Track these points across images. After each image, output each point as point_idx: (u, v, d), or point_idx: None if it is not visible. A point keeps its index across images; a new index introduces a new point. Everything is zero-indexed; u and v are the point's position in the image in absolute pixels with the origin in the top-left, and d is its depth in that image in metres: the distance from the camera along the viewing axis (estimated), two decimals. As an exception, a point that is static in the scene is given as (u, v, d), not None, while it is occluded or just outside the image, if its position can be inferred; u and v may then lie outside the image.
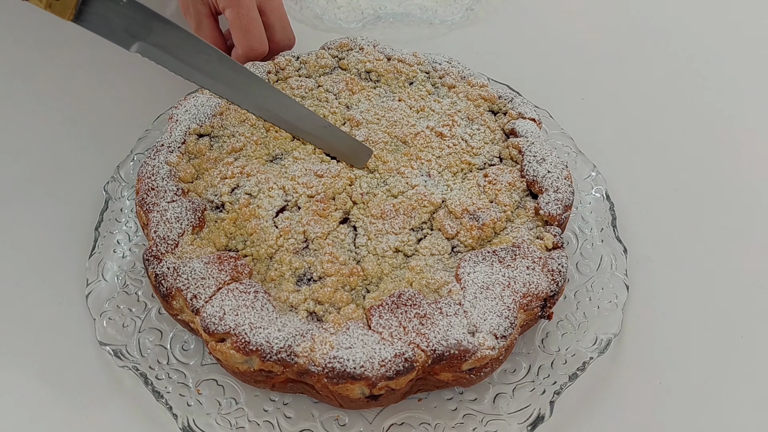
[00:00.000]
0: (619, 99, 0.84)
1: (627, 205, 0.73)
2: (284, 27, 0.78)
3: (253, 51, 0.75)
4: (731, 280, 0.69)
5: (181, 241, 0.59)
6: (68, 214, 0.70)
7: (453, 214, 0.62)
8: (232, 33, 0.75)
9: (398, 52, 0.74)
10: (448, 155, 0.66)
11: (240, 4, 0.73)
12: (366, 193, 0.63)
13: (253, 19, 0.74)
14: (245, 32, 0.74)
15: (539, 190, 0.63)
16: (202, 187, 0.63)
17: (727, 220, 0.74)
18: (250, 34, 0.74)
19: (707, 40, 0.92)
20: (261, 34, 0.75)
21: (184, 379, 0.59)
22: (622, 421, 0.60)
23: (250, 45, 0.74)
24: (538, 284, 0.57)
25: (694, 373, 0.63)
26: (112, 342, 0.61)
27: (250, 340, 0.53)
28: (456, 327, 0.54)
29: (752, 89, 0.86)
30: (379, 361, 0.52)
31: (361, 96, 0.70)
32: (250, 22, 0.74)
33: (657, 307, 0.67)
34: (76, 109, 0.80)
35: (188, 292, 0.56)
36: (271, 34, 0.77)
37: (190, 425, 0.56)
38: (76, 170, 0.74)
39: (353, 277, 0.58)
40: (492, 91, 0.72)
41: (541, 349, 0.61)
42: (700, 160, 0.79)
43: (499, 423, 0.57)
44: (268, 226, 0.60)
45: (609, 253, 0.67)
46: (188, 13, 0.79)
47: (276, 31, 0.77)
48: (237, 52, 0.76)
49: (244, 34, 0.74)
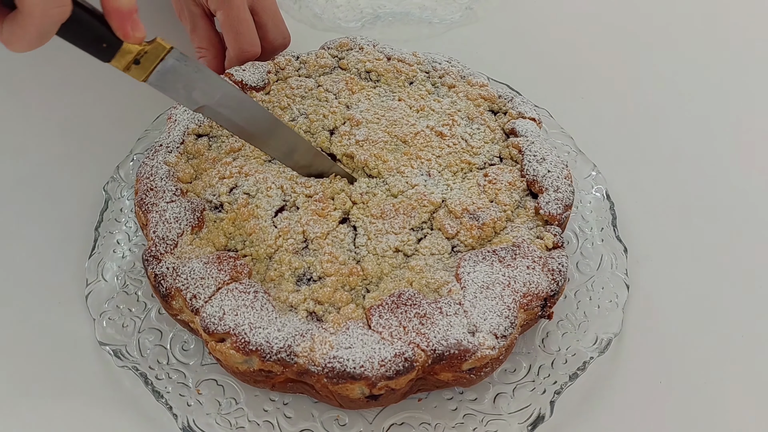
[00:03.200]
0: (619, 98, 0.84)
1: (627, 204, 0.73)
2: (277, 26, 0.77)
3: (245, 53, 0.74)
4: (731, 279, 0.69)
5: (180, 241, 0.59)
6: (68, 214, 0.70)
7: (453, 214, 0.62)
8: (224, 34, 0.75)
9: (398, 52, 0.74)
10: (448, 155, 0.66)
11: (230, 5, 0.73)
12: (366, 192, 0.63)
13: (243, 19, 0.74)
14: (236, 33, 0.74)
15: (539, 190, 0.63)
16: (200, 187, 0.63)
17: (727, 220, 0.74)
18: (241, 36, 0.74)
19: (707, 39, 0.92)
20: (252, 35, 0.74)
21: (184, 379, 0.59)
22: (623, 421, 0.60)
23: (241, 46, 0.74)
24: (538, 284, 0.57)
25: (694, 372, 0.63)
26: (112, 342, 0.61)
27: (249, 340, 0.53)
28: (456, 327, 0.54)
29: (752, 89, 0.86)
30: (379, 361, 0.52)
31: (361, 96, 0.70)
32: (241, 23, 0.73)
33: (657, 306, 0.67)
34: (76, 109, 0.79)
35: (188, 292, 0.56)
36: (263, 33, 0.76)
37: (190, 425, 0.56)
38: (76, 170, 0.74)
39: (353, 277, 0.58)
40: (492, 90, 0.71)
41: (541, 349, 0.61)
42: (701, 160, 0.78)
43: (500, 423, 0.57)
44: (267, 226, 0.60)
45: (609, 253, 0.67)
46: (183, 15, 0.78)
47: (269, 30, 0.76)
48: (229, 53, 0.75)
49: (235, 36, 0.74)
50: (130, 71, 0.53)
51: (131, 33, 0.51)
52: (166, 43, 0.53)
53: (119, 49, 0.52)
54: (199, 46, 0.77)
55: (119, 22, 0.50)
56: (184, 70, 0.55)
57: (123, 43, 0.52)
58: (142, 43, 0.52)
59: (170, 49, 0.54)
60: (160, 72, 0.54)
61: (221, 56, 0.77)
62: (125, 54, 0.52)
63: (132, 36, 0.51)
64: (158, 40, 0.53)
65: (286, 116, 0.68)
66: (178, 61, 0.54)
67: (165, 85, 0.55)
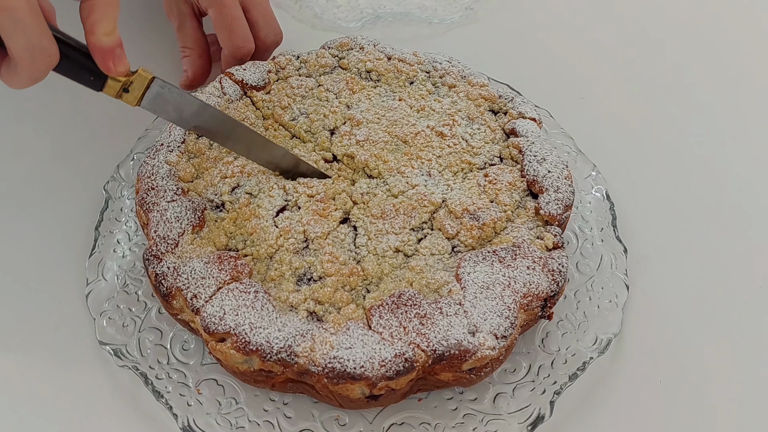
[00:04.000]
0: (620, 98, 0.84)
1: (627, 204, 0.73)
2: (269, 23, 0.78)
3: (239, 50, 0.74)
4: (731, 279, 0.69)
5: (181, 240, 0.59)
6: (68, 213, 0.70)
7: (453, 214, 0.62)
8: (217, 33, 0.75)
9: (398, 52, 0.74)
10: (449, 155, 0.66)
11: (222, 3, 0.73)
12: (366, 192, 0.63)
13: (236, 17, 0.74)
14: (229, 31, 0.74)
15: (539, 190, 0.63)
16: (202, 186, 0.63)
17: (727, 220, 0.74)
18: (234, 33, 0.74)
19: (707, 39, 0.92)
20: (245, 32, 0.75)
21: (184, 378, 0.59)
22: (623, 421, 0.60)
23: (234, 44, 0.74)
24: (538, 284, 0.57)
25: (693, 372, 0.63)
26: (112, 341, 0.61)
27: (250, 340, 0.53)
28: (456, 327, 0.54)
29: (753, 88, 0.86)
30: (380, 361, 0.52)
31: (361, 95, 0.70)
32: (233, 21, 0.74)
33: (657, 306, 0.67)
34: (76, 108, 0.79)
35: (188, 291, 0.56)
36: (255, 31, 0.76)
37: (190, 425, 0.56)
38: (76, 170, 0.74)
39: (353, 277, 0.58)
40: (492, 90, 0.71)
41: (541, 349, 0.61)
42: (701, 160, 0.79)
43: (500, 423, 0.57)
44: (268, 226, 0.60)
45: (609, 253, 0.67)
46: (171, 13, 0.79)
47: (261, 27, 0.77)
48: (224, 52, 0.75)
49: (228, 33, 0.74)
50: (122, 98, 0.57)
51: (113, 67, 0.54)
52: (148, 73, 0.57)
53: (107, 81, 0.55)
54: (184, 45, 0.78)
55: (101, 58, 0.54)
56: (169, 95, 0.58)
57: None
58: (127, 74, 0.56)
59: (152, 79, 0.57)
60: (150, 98, 0.58)
61: (206, 57, 0.78)
62: (113, 84, 0.56)
63: (114, 70, 0.54)
64: (140, 71, 0.56)
65: (287, 116, 0.68)
66: (162, 88, 0.58)
67: (157, 109, 0.59)
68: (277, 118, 0.68)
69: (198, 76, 0.77)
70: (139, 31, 0.54)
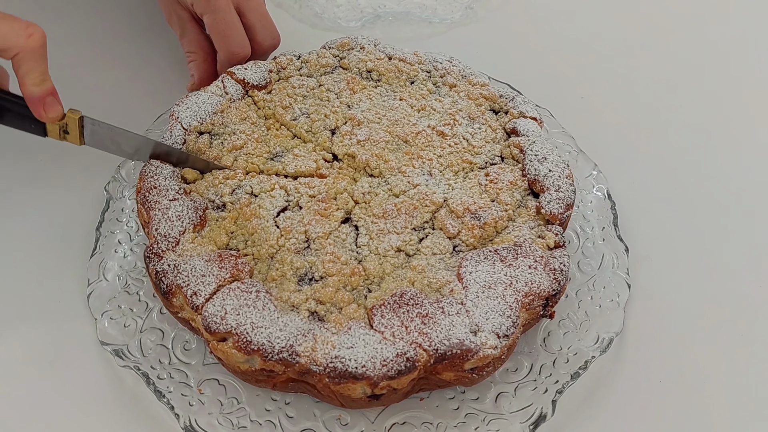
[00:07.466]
0: (620, 98, 0.84)
1: (628, 203, 0.73)
2: (266, 26, 0.76)
3: (235, 55, 0.73)
4: (732, 278, 0.69)
5: (182, 239, 0.59)
6: (69, 214, 0.70)
7: (454, 214, 0.62)
8: (212, 38, 0.74)
9: (399, 52, 0.74)
10: (450, 154, 0.66)
11: (216, 9, 0.72)
12: (367, 192, 0.63)
13: (230, 22, 0.73)
14: (224, 37, 0.73)
15: (541, 189, 0.63)
16: (203, 186, 0.63)
17: (727, 219, 0.74)
18: (229, 39, 0.73)
19: (707, 39, 0.92)
20: (241, 37, 0.73)
21: (186, 378, 0.59)
22: (624, 420, 0.60)
23: (230, 49, 0.73)
24: (540, 283, 0.57)
25: (695, 371, 0.63)
26: (114, 342, 0.60)
27: (251, 340, 0.53)
28: (458, 326, 0.54)
29: (753, 89, 0.86)
30: (381, 361, 0.52)
31: (362, 95, 0.70)
32: (228, 26, 0.73)
33: (658, 305, 0.67)
34: (76, 108, 0.79)
35: (188, 289, 0.56)
36: (252, 35, 0.75)
37: (192, 425, 0.56)
38: (77, 170, 0.74)
39: (355, 277, 0.58)
40: (493, 90, 0.72)
41: (543, 348, 0.61)
42: (701, 159, 0.79)
43: (501, 422, 0.57)
44: (269, 226, 0.60)
45: (610, 252, 0.67)
46: (172, 21, 0.78)
47: (257, 31, 0.75)
48: (220, 57, 0.74)
49: (223, 39, 0.73)
50: (67, 139, 0.60)
51: (45, 114, 0.58)
52: (75, 113, 0.60)
53: (45, 126, 0.59)
54: (189, 50, 0.77)
55: (33, 106, 0.58)
56: (101, 131, 0.62)
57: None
58: (61, 118, 0.59)
59: (80, 117, 0.60)
60: (88, 135, 0.61)
61: (211, 60, 0.77)
62: (52, 128, 0.59)
63: (46, 117, 0.58)
64: (68, 113, 0.59)
65: (288, 115, 0.68)
66: (93, 125, 0.61)
67: (99, 144, 0.62)
68: (279, 117, 0.68)
69: (204, 80, 0.76)
70: (141, 39, 0.54)
